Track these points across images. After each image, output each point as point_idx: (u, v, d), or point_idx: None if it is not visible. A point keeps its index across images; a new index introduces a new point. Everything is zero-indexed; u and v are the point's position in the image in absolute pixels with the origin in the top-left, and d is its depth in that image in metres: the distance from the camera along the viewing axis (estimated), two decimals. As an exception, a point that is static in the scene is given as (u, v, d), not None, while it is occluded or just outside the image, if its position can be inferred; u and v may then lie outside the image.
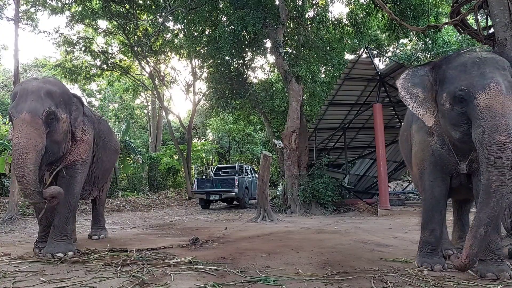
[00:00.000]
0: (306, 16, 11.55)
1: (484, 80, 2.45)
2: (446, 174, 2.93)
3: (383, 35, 14.51)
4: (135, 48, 15.66)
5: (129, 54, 16.83)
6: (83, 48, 15.67)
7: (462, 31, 5.46)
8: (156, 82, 17.65)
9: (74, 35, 15.45)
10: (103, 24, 18.26)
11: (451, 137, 2.74)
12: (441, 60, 2.84)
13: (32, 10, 13.47)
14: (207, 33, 11.92)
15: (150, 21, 14.75)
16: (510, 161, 2.34)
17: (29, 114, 3.23)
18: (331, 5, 11.61)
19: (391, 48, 17.57)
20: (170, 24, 14.03)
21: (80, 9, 14.19)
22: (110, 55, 17.01)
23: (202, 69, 15.85)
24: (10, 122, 3.46)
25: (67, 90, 3.78)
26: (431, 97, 2.79)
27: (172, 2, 11.00)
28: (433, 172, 2.96)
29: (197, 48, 12.95)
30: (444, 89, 2.68)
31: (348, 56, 13.54)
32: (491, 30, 4.78)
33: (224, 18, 11.15)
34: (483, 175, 2.41)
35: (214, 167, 15.09)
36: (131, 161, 16.93)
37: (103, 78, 18.15)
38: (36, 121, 3.25)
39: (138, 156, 16.16)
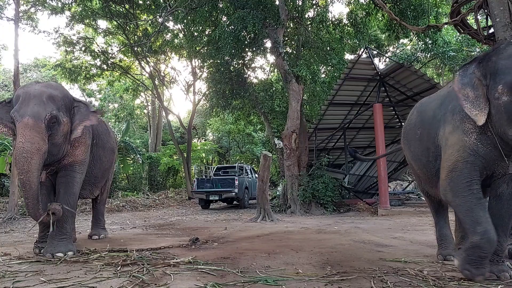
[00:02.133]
0: (306, 16, 11.54)
1: None
2: (482, 176, 2.69)
3: (383, 35, 14.51)
4: (135, 48, 15.66)
5: (129, 54, 16.83)
6: (83, 48, 15.68)
7: (462, 31, 5.46)
8: (156, 82, 17.66)
9: (74, 35, 15.47)
10: (103, 24, 18.27)
11: (505, 135, 2.48)
12: (488, 53, 2.67)
13: (32, 10, 13.46)
14: (207, 33, 11.92)
15: (150, 21, 14.75)
16: None
17: (32, 119, 3.28)
18: (331, 5, 11.60)
19: (391, 48, 17.57)
20: (170, 24, 14.03)
21: (80, 9, 14.19)
22: (110, 55, 17.01)
23: (202, 69, 15.87)
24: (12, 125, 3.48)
25: (68, 93, 3.86)
26: (482, 94, 2.58)
27: (172, 2, 10.99)
28: (471, 173, 2.65)
29: (197, 48, 12.95)
30: (498, 81, 2.47)
31: (348, 56, 13.54)
32: (491, 30, 4.78)
33: (224, 18, 11.15)
34: None
35: (214, 167, 15.09)
36: (131, 161, 16.92)
37: (103, 78, 18.16)
38: (39, 125, 3.31)
39: (138, 156, 16.14)
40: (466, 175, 2.65)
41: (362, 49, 11.60)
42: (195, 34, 12.05)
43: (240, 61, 12.13)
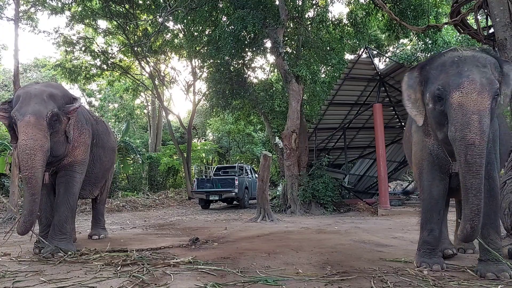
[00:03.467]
0: (306, 16, 11.54)
1: (460, 78, 2.48)
2: (444, 174, 2.93)
3: (383, 35, 14.51)
4: (135, 48, 15.66)
5: (129, 54, 16.83)
6: (83, 48, 15.68)
7: (462, 31, 5.46)
8: (156, 82, 17.65)
9: (74, 35, 15.47)
10: (103, 24, 18.27)
11: (436, 138, 2.77)
12: (426, 61, 2.90)
13: (32, 10, 13.47)
14: (207, 33, 11.92)
15: (150, 21, 14.75)
16: (482, 158, 2.35)
17: (33, 116, 3.30)
18: (331, 5, 11.61)
19: (391, 48, 17.56)
20: (170, 24, 14.05)
21: (80, 9, 14.19)
22: (110, 55, 17.01)
23: (202, 69, 15.87)
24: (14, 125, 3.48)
25: (68, 92, 3.87)
26: (420, 98, 2.84)
27: (172, 2, 10.99)
28: (431, 172, 2.95)
29: (197, 48, 12.95)
30: (427, 89, 2.73)
31: (348, 56, 13.54)
32: (491, 30, 4.78)
33: (224, 18, 11.15)
34: (459, 173, 2.46)
35: (214, 167, 15.09)
36: (131, 161, 16.93)
37: (103, 78, 18.16)
38: (41, 122, 3.32)
39: (138, 156, 16.16)
40: (428, 174, 2.97)
41: (362, 49, 11.60)
42: (195, 34, 12.05)
43: (240, 61, 12.13)
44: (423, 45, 11.72)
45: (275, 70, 14.00)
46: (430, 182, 2.95)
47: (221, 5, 10.85)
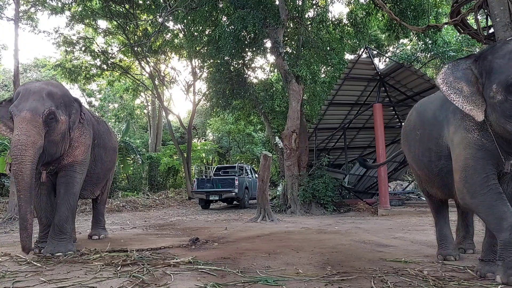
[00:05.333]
0: (306, 16, 11.55)
1: None
2: (497, 170, 2.59)
3: (383, 35, 14.52)
4: (135, 48, 15.66)
5: (129, 54, 16.83)
6: (83, 48, 15.69)
7: (462, 31, 5.46)
8: (156, 82, 17.66)
9: (74, 35, 15.49)
10: (103, 24, 18.27)
11: (505, 132, 2.44)
12: (485, 51, 2.64)
13: (32, 10, 13.48)
14: (207, 33, 11.91)
15: (150, 21, 14.75)
16: None
17: (29, 113, 3.29)
18: (331, 5, 11.62)
19: (391, 48, 17.57)
20: (170, 24, 14.05)
21: (80, 9, 14.20)
22: (110, 55, 17.02)
23: (202, 69, 15.87)
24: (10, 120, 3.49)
25: (68, 92, 3.86)
26: (478, 91, 2.56)
27: (172, 2, 10.99)
28: (485, 168, 2.54)
29: (197, 48, 12.94)
30: (493, 80, 2.46)
31: (348, 56, 13.54)
32: (491, 30, 4.78)
33: (224, 18, 11.15)
34: None
35: (214, 167, 15.09)
36: (131, 161, 16.92)
37: (103, 78, 18.17)
38: (36, 119, 3.31)
39: (138, 156, 16.14)
40: (480, 171, 2.54)
41: (362, 49, 11.61)
42: (195, 34, 12.04)
43: (240, 61, 12.13)
44: (423, 45, 11.74)
45: (275, 70, 14.00)
46: (486, 177, 2.54)
47: (221, 5, 10.84)
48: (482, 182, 2.51)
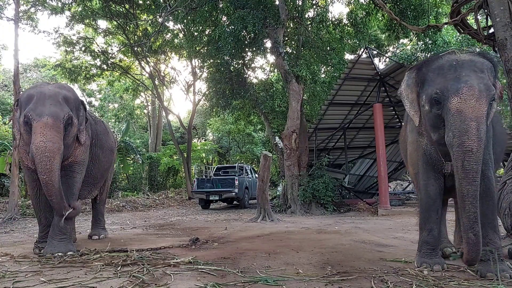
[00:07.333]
0: (306, 16, 11.54)
1: (458, 83, 2.48)
2: (438, 173, 2.93)
3: (383, 35, 14.51)
4: (135, 48, 15.66)
5: (129, 54, 16.83)
6: (83, 48, 15.68)
7: (462, 31, 5.46)
8: (156, 82, 17.66)
9: (74, 35, 15.47)
10: (103, 24, 18.29)
11: (431, 139, 2.78)
12: (423, 63, 2.90)
13: (32, 10, 13.47)
14: (207, 33, 11.91)
15: (150, 21, 14.75)
16: (479, 165, 2.36)
17: (51, 118, 3.32)
18: (331, 5, 11.60)
19: (391, 48, 17.56)
20: (170, 24, 14.03)
21: (80, 9, 14.19)
22: (110, 55, 17.01)
23: (202, 69, 15.85)
24: (25, 125, 3.41)
25: (77, 96, 3.91)
26: (416, 98, 2.85)
27: (172, 2, 10.99)
28: (426, 171, 2.95)
29: (197, 48, 12.94)
30: (423, 91, 2.74)
31: (348, 56, 13.53)
32: (491, 30, 4.78)
33: (224, 18, 11.14)
34: (456, 179, 2.46)
35: (214, 167, 15.09)
36: (131, 161, 16.93)
37: (103, 78, 18.16)
38: (58, 125, 3.36)
39: (138, 156, 16.16)
40: (424, 174, 2.96)
41: (362, 49, 11.60)
42: (195, 34, 12.04)
43: (240, 61, 12.12)
44: (423, 45, 11.71)
45: (275, 70, 14.00)
46: (426, 182, 2.95)
47: (221, 5, 10.83)
48: (424, 184, 2.97)
